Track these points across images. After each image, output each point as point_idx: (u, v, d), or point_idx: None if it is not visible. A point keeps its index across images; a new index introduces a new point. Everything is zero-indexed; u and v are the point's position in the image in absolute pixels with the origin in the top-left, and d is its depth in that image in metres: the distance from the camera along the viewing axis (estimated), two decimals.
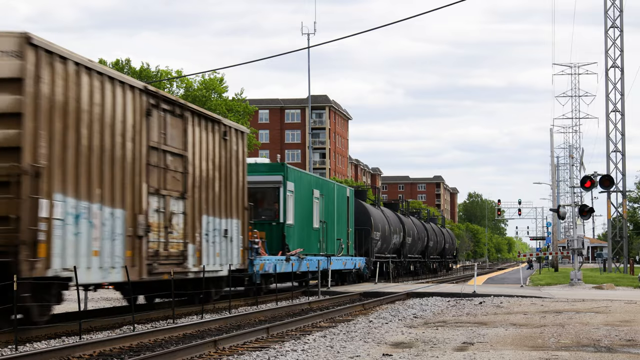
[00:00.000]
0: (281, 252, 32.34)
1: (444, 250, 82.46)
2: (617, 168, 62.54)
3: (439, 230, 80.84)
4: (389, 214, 57.13)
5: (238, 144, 27.35)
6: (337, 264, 38.50)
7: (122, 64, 68.90)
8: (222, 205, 25.80)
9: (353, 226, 44.69)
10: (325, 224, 38.42)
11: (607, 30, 63.40)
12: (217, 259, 25.33)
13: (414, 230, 64.51)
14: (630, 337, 17.19)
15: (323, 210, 38.19)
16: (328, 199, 39.24)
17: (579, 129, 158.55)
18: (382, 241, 52.31)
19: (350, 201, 44.03)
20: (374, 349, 15.27)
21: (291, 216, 33.47)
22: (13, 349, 15.35)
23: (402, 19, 34.46)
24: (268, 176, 32.97)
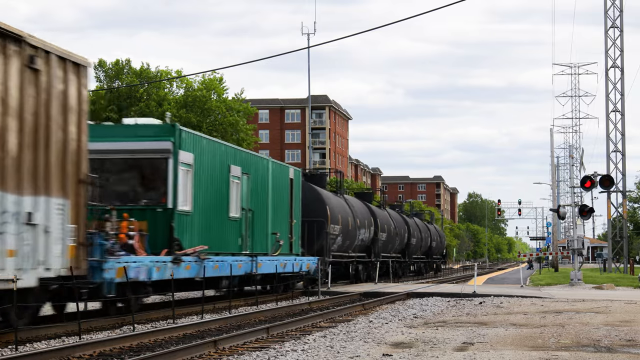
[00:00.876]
0: (167, 250, 23.14)
1: (430, 249, 73.64)
2: (617, 168, 62.55)
3: (424, 227, 71.41)
4: (355, 204, 47.83)
5: (67, 81, 18.02)
6: (269, 266, 29.67)
7: (122, 64, 68.90)
8: (25, 174, 16.58)
9: (299, 217, 35.24)
10: (251, 212, 29.15)
11: (607, 30, 63.40)
12: (6, 261, 16.00)
13: (390, 224, 55.23)
14: (630, 337, 17.19)
15: (248, 195, 28.96)
16: (258, 180, 30.18)
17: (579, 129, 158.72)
18: (344, 237, 42.67)
19: (295, 185, 34.74)
20: (374, 349, 15.27)
21: (187, 200, 24.38)
22: (13, 349, 15.34)
23: (402, 19, 34.53)
24: (151, 142, 23.87)
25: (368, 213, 49.58)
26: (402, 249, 60.10)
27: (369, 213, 49.68)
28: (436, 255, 77.48)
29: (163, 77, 67.88)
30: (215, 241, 26.35)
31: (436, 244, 76.18)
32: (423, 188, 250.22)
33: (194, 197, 24.88)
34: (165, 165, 23.75)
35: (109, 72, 68.88)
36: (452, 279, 61.25)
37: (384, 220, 53.58)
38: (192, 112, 66.19)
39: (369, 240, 49.23)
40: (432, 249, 73.79)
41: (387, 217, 55.14)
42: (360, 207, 48.61)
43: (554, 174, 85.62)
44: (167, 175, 23.70)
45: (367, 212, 49.49)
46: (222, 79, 69.13)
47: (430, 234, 73.28)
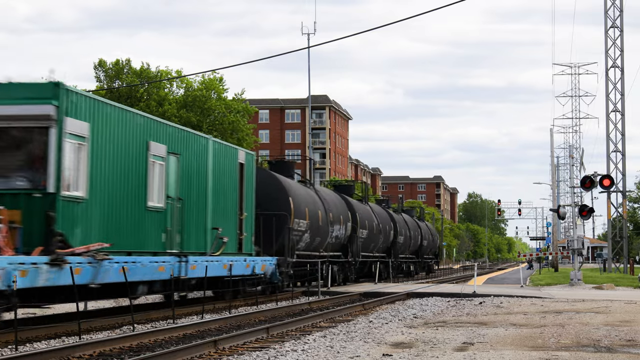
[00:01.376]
0: (43, 247, 17.76)
1: (421, 249, 67.90)
2: (617, 168, 62.55)
3: (414, 224, 65.21)
4: (329, 196, 41.99)
5: None
6: (204, 268, 24.16)
7: (122, 64, 68.91)
8: None
9: (252, 210, 29.62)
10: (182, 202, 23.88)
11: (607, 30, 63.41)
12: None
13: (372, 220, 49.57)
14: (630, 337, 17.19)
15: (178, 180, 23.76)
16: (192, 163, 24.87)
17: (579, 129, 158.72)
18: (313, 234, 36.93)
19: (247, 171, 29.15)
20: (374, 349, 15.27)
21: (80, 183, 19.29)
22: (13, 349, 15.34)
23: (402, 19, 34.51)
24: (27, 106, 18.58)
25: (345, 207, 43.99)
26: (388, 248, 54.39)
27: (345, 207, 44.13)
28: (428, 255, 72.33)
29: (163, 77, 67.90)
30: (126, 237, 21.14)
31: (428, 243, 70.74)
32: (423, 188, 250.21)
33: (91, 179, 19.60)
34: (45, 136, 18.36)
35: (109, 72, 68.91)
36: (452, 279, 61.25)
37: (365, 216, 47.97)
38: (192, 112, 66.20)
39: (345, 238, 43.38)
40: (423, 248, 68.35)
41: (369, 212, 49.41)
42: (335, 200, 42.93)
43: (554, 174, 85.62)
44: (48, 150, 18.35)
45: (344, 206, 43.92)
46: (222, 78, 69.16)
47: (421, 232, 67.59)
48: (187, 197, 24.35)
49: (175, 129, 24.10)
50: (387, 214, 55.24)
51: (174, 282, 22.41)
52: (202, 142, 25.73)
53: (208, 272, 24.22)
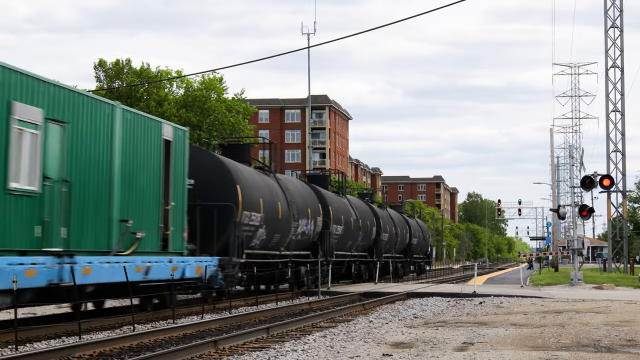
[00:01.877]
0: None
1: (410, 247, 61.93)
2: (617, 168, 62.55)
3: (401, 220, 59.71)
4: (294, 186, 36.25)
5: None
6: (106, 272, 19.11)
7: (122, 64, 68.90)
8: None
9: (183, 199, 24.10)
10: (68, 185, 18.58)
11: (607, 30, 63.42)
12: None
13: (350, 215, 44.13)
14: (630, 337, 17.19)
15: (63, 156, 18.52)
16: (87, 135, 19.48)
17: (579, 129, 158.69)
18: (271, 229, 31.35)
19: (175, 151, 23.68)
20: (374, 349, 15.27)
21: None
22: (13, 349, 15.34)
23: (402, 19, 34.49)
24: None
25: (315, 199, 38.38)
26: (369, 247, 48.67)
27: (315, 199, 38.46)
28: (418, 254, 67.10)
29: (163, 77, 67.90)
30: None
31: (418, 241, 65.36)
32: (423, 188, 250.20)
33: None
34: None
35: (109, 72, 68.88)
36: (452, 279, 61.24)
37: (341, 210, 42.75)
38: (192, 112, 66.18)
39: (315, 235, 38.02)
40: (412, 247, 62.85)
41: (346, 205, 43.87)
42: (303, 191, 37.31)
43: (554, 174, 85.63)
44: None
45: (313, 198, 38.33)
46: (222, 79, 69.14)
47: (410, 229, 61.93)
48: (78, 179, 18.94)
49: (59, 89, 18.47)
50: (369, 208, 49.34)
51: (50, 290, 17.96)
52: (104, 109, 20.20)
53: (112, 276, 19.24)
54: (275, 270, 32.33)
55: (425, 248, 70.84)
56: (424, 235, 69.26)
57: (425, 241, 70.24)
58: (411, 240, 61.95)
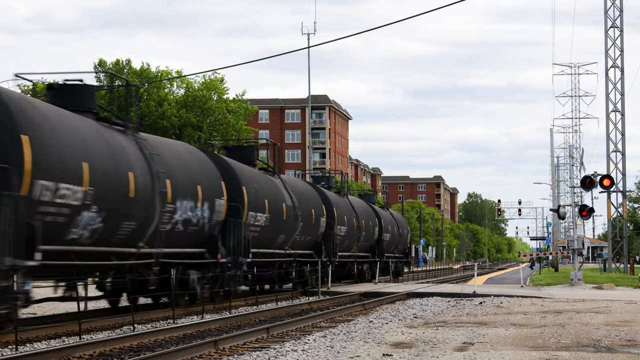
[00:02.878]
0: None
1: (380, 244, 50.17)
2: (617, 168, 62.55)
3: (368, 211, 48.60)
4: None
5: None
6: None
7: (122, 64, 68.92)
8: None
9: None
10: None
11: (607, 30, 63.41)
12: None
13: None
14: (630, 337, 17.19)
15: None
16: None
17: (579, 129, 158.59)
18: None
19: None
20: (374, 349, 15.27)
21: None
22: (13, 349, 15.34)
23: (401, 19, 34.47)
24: None
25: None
26: (317, 243, 37.27)
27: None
28: (393, 253, 55.51)
29: (163, 77, 67.90)
30: None
31: (392, 237, 53.84)
32: (423, 188, 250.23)
33: None
34: None
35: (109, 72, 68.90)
36: (452, 279, 61.27)
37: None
38: (192, 112, 66.21)
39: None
40: (384, 244, 50.84)
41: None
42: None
43: (554, 174, 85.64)
44: None
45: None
46: (223, 79, 69.17)
47: (382, 223, 50.69)
48: None
49: None
50: (318, 194, 38.69)
51: None
52: None
53: None
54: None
55: (404, 246, 60.44)
56: (401, 231, 57.70)
57: (404, 237, 59.29)
58: (381, 236, 50.41)
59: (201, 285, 25.30)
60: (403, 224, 61.77)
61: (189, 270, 24.68)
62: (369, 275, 48.08)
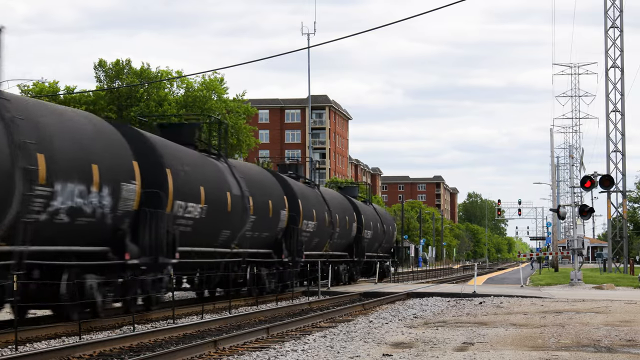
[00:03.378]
0: None
1: (359, 242, 44.83)
2: (617, 168, 62.54)
3: (344, 204, 43.30)
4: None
5: None
6: None
7: (122, 64, 68.92)
8: None
9: None
10: None
11: (607, 30, 63.40)
12: None
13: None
14: (630, 337, 17.19)
15: None
16: None
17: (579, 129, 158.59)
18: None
19: None
20: (374, 349, 15.27)
21: None
22: (13, 349, 15.35)
23: (401, 19, 34.53)
24: None
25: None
26: (276, 240, 32.35)
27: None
28: (377, 252, 49.99)
29: (163, 77, 67.89)
30: None
31: (374, 235, 48.34)
32: (423, 188, 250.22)
33: None
34: None
35: (109, 72, 68.92)
36: (452, 279, 61.27)
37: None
38: (193, 112, 66.20)
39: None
40: (363, 242, 45.22)
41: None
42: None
43: (554, 174, 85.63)
44: None
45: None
46: (223, 79, 69.17)
47: (362, 218, 45.30)
48: None
49: None
50: (279, 182, 33.60)
51: None
52: None
53: None
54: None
55: (389, 244, 54.04)
56: (385, 227, 51.89)
57: (388, 235, 53.00)
58: (361, 233, 45.18)
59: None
60: (388, 220, 55.15)
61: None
62: (346, 277, 43.18)
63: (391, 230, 54.63)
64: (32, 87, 64.10)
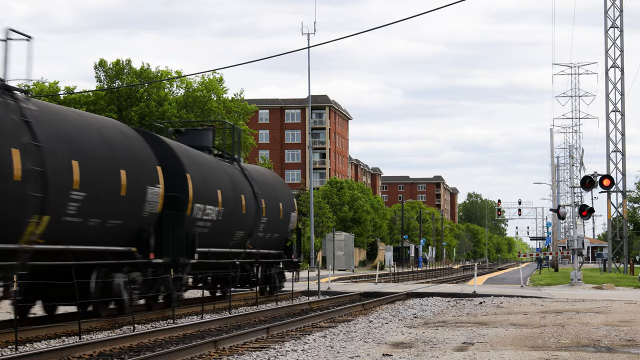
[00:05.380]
0: None
1: (220, 227, 26.37)
2: (617, 168, 62.55)
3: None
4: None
5: None
6: None
7: (122, 64, 68.93)
8: None
9: None
10: None
11: (607, 30, 63.41)
12: None
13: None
14: (630, 337, 17.19)
15: None
16: None
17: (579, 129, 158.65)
18: None
19: None
20: (374, 349, 15.27)
21: None
22: (13, 349, 15.35)
23: (401, 20, 34.51)
24: None
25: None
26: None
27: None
28: (258, 248, 29.53)
29: (163, 77, 67.89)
30: None
31: (250, 214, 28.41)
32: (423, 188, 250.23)
33: None
34: None
35: (109, 72, 68.93)
36: (452, 279, 61.28)
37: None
38: (192, 112, 66.22)
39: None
40: (226, 228, 26.71)
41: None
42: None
43: (554, 174, 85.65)
44: None
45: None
46: (222, 79, 69.17)
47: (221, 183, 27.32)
48: None
49: None
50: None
51: None
52: None
53: None
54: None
55: (284, 233, 32.15)
56: (273, 201, 30.86)
57: (281, 219, 31.64)
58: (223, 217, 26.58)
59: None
60: (277, 188, 32.35)
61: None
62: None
63: (287, 210, 32.37)
64: (32, 87, 64.08)
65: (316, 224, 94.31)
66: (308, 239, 71.85)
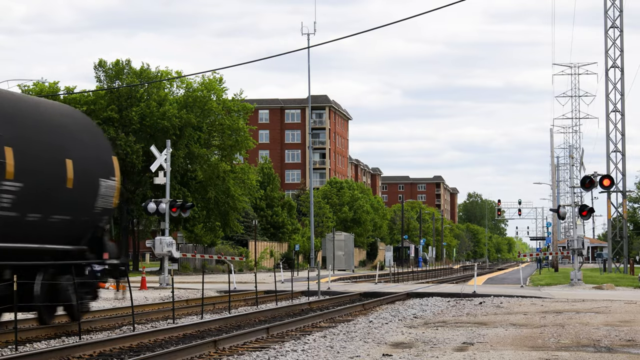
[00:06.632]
0: None
1: None
2: (617, 168, 62.56)
3: None
4: None
5: None
6: None
7: (122, 64, 68.90)
8: None
9: None
10: None
11: (607, 30, 63.43)
12: None
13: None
14: (630, 337, 17.19)
15: None
16: None
17: (579, 129, 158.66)
18: None
19: None
20: (374, 349, 15.27)
21: None
22: (13, 349, 15.35)
23: (400, 20, 34.50)
24: None
25: None
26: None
27: None
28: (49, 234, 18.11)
29: (163, 77, 67.85)
30: None
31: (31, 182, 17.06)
32: (423, 188, 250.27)
33: None
34: None
35: (109, 72, 68.87)
36: (452, 279, 61.28)
37: None
38: (192, 112, 66.20)
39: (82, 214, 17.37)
40: None
41: None
42: None
43: (554, 174, 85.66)
44: None
45: None
46: (222, 79, 69.12)
47: None
48: None
49: None
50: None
51: None
52: None
53: None
54: None
55: (80, 214, 18.86)
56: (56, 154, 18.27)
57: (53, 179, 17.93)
58: None
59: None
60: (66, 132, 19.00)
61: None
62: None
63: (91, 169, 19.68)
64: (32, 87, 64.04)
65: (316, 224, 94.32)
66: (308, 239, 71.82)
